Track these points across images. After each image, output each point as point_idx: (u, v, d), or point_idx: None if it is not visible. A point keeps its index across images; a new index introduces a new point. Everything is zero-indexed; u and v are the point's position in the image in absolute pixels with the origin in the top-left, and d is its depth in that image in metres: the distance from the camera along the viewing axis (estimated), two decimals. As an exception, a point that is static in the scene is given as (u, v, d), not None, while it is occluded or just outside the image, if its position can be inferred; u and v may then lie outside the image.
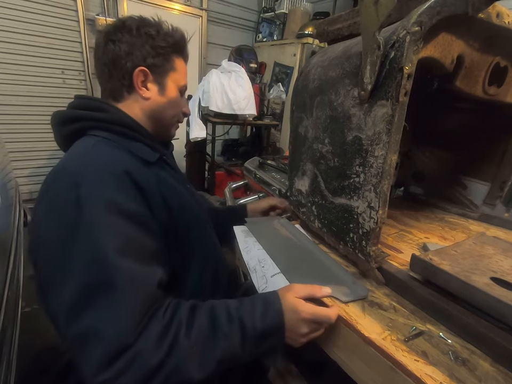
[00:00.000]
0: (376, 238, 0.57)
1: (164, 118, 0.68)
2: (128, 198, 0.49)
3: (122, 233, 0.46)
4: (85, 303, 0.41)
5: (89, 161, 0.51)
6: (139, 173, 0.54)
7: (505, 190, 0.88)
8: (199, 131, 2.13)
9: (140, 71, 0.61)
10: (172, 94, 0.67)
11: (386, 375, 0.42)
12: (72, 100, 0.63)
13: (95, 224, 0.44)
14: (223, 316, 0.48)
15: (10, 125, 2.23)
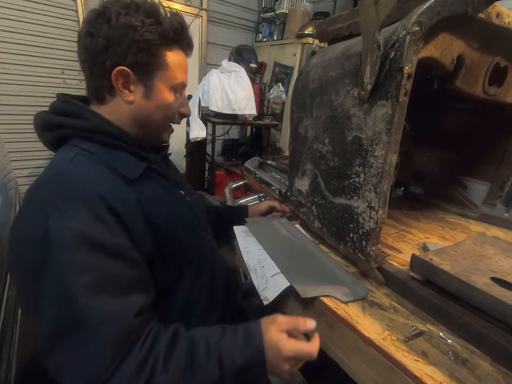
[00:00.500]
0: (376, 238, 0.57)
1: (151, 123, 0.59)
2: (101, 229, 0.45)
3: (93, 269, 0.43)
4: (56, 341, 0.40)
5: (62, 185, 0.46)
6: (117, 195, 0.49)
7: (505, 190, 0.88)
8: (199, 131, 2.13)
9: (118, 72, 0.53)
10: (161, 96, 0.57)
11: (386, 375, 0.42)
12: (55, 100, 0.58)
13: (63, 261, 0.41)
14: (202, 351, 0.46)
15: (10, 125, 2.23)
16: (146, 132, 0.60)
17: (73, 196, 0.45)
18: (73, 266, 0.42)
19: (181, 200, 0.65)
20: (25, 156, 2.34)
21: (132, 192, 0.53)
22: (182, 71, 0.59)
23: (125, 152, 0.56)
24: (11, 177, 1.58)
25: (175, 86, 0.59)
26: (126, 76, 0.54)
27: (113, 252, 0.45)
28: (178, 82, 0.59)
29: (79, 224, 0.43)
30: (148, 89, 0.56)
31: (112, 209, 0.47)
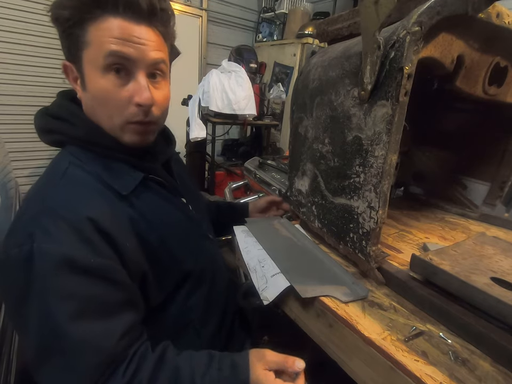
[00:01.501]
0: (376, 238, 0.57)
1: (98, 120, 0.51)
2: (89, 252, 0.43)
3: (78, 294, 0.41)
4: (41, 364, 0.40)
5: (50, 204, 0.44)
6: (108, 214, 0.46)
7: (505, 190, 0.88)
8: (199, 131, 2.13)
9: (63, 67, 0.50)
10: (93, 83, 0.46)
11: (386, 375, 0.42)
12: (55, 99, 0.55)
13: (46, 288, 0.40)
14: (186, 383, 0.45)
15: (10, 125, 2.23)
16: (104, 132, 0.51)
17: (60, 217, 0.42)
18: (57, 293, 0.40)
19: (180, 210, 0.61)
20: (25, 155, 2.34)
21: (124, 208, 0.49)
22: (113, 39, 0.44)
23: (120, 163, 0.52)
24: (11, 177, 1.58)
25: (106, 65, 0.45)
26: (71, 70, 0.49)
27: (100, 275, 0.43)
28: (104, 55, 0.44)
29: (64, 248, 0.41)
30: (82, 77, 0.48)
31: (101, 230, 0.44)
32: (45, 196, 0.46)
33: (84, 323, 0.41)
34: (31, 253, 0.40)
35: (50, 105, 0.55)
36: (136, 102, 0.48)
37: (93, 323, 0.42)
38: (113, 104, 0.48)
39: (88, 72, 0.47)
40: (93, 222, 0.44)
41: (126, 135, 0.52)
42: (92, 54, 0.45)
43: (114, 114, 0.49)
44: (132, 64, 0.47)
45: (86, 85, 0.48)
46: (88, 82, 0.47)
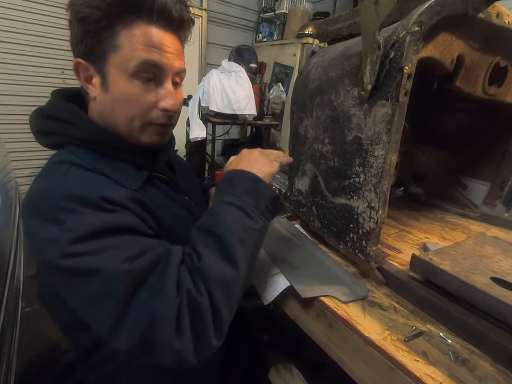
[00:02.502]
0: (376, 238, 0.57)
1: (116, 122, 0.50)
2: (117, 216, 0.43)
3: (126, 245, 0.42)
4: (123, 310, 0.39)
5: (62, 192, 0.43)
6: (122, 196, 0.46)
7: (505, 190, 0.88)
8: (199, 131, 2.13)
9: (75, 65, 0.48)
10: (117, 87, 0.47)
11: (386, 375, 0.42)
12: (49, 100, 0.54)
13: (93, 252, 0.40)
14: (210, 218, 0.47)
15: (10, 125, 2.23)
16: (121, 133, 0.51)
17: (78, 198, 0.42)
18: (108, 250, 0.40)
19: (184, 208, 0.61)
20: (25, 155, 2.34)
21: (138, 196, 0.49)
22: (141, 47, 0.45)
23: (124, 162, 0.51)
24: (11, 177, 1.58)
25: (136, 71, 0.46)
26: (83, 68, 0.48)
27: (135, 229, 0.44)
28: (137, 63, 0.45)
29: (96, 217, 0.41)
30: (104, 79, 0.47)
31: (119, 204, 0.44)
32: (54, 186, 0.44)
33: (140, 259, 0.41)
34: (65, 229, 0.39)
35: (46, 105, 0.53)
36: (163, 108, 0.50)
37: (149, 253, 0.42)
38: (138, 107, 0.49)
39: (113, 74, 0.47)
40: (108, 199, 0.43)
41: (144, 135, 0.52)
42: (121, 58, 0.45)
43: (136, 116, 0.50)
44: (160, 71, 0.48)
45: (108, 86, 0.47)
46: (113, 85, 0.47)
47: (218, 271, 0.42)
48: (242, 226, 0.45)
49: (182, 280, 0.41)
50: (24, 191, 2.34)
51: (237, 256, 0.43)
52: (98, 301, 0.40)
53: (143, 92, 0.48)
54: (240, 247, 0.44)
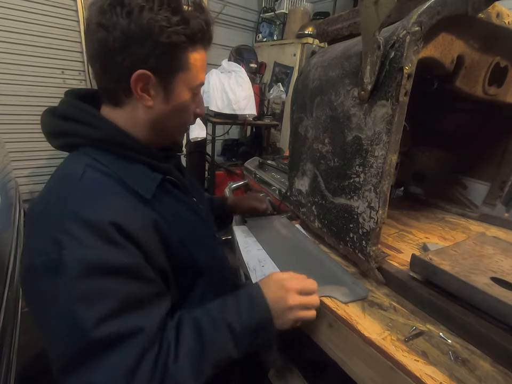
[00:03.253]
0: (376, 238, 0.57)
1: (169, 127, 0.56)
2: (118, 254, 0.43)
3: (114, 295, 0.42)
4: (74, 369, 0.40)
5: (72, 209, 0.43)
6: (131, 218, 0.46)
7: (505, 190, 0.88)
8: (199, 131, 2.13)
9: (139, 76, 0.47)
10: (180, 98, 0.53)
11: (386, 375, 0.42)
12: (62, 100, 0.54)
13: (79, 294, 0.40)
14: (208, 324, 0.47)
15: (10, 125, 2.23)
16: (164, 136, 0.57)
17: (85, 221, 0.42)
18: (91, 297, 0.40)
19: (192, 210, 0.61)
20: (25, 155, 2.34)
21: (147, 210, 0.50)
22: (202, 70, 0.54)
23: (140, 164, 0.52)
24: (11, 177, 1.58)
25: (195, 88, 0.54)
26: (146, 79, 0.48)
27: (134, 273, 0.44)
28: (198, 83, 0.54)
29: (96, 251, 0.41)
30: (167, 92, 0.51)
31: (126, 234, 0.44)
32: (65, 199, 0.44)
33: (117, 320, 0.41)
34: (61, 261, 0.39)
35: (59, 105, 0.53)
36: (198, 114, 0.59)
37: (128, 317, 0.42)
38: (188, 115, 0.57)
39: (179, 89, 0.52)
40: (116, 226, 0.43)
41: (181, 136, 0.63)
42: (189, 77, 0.52)
43: (186, 122, 0.59)
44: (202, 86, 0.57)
45: (171, 99, 0.52)
46: (176, 98, 0.52)
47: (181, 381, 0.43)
48: (227, 354, 0.47)
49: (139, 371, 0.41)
50: (24, 191, 2.34)
51: (205, 374, 0.45)
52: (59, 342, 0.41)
53: (192, 103, 0.56)
54: (212, 368, 0.46)
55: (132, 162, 0.52)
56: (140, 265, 0.46)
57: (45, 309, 0.41)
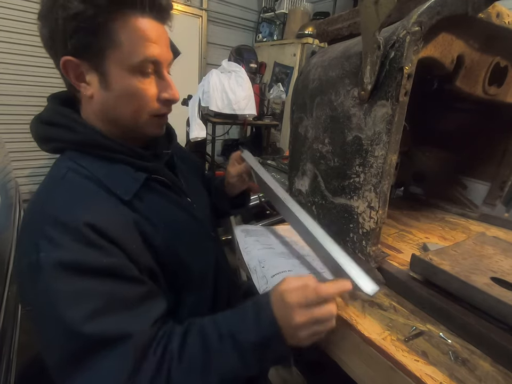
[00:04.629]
0: (376, 238, 0.57)
1: (121, 119, 0.50)
2: (96, 254, 0.42)
3: (94, 295, 0.40)
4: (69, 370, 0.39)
5: (51, 212, 0.43)
6: (110, 219, 0.44)
7: (505, 190, 0.88)
8: (199, 131, 2.13)
9: (64, 63, 0.44)
10: (121, 81, 0.46)
11: (386, 375, 0.42)
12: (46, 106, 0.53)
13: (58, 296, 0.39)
14: (214, 336, 0.44)
15: (10, 125, 2.23)
16: (124, 130, 0.51)
17: (61, 224, 0.41)
18: (71, 298, 0.39)
19: (185, 210, 0.59)
20: (25, 155, 2.34)
21: (128, 212, 0.48)
22: (143, 42, 0.45)
23: (122, 164, 0.50)
24: (11, 177, 1.58)
25: (137, 66, 0.45)
26: (74, 66, 0.45)
27: (115, 273, 0.43)
28: (139, 59, 0.45)
29: (73, 254, 0.40)
30: (102, 77, 0.46)
31: (103, 234, 0.43)
32: (44, 203, 0.45)
33: (106, 319, 0.40)
34: (38, 263, 0.39)
35: (43, 111, 0.52)
36: (165, 98, 0.50)
37: (117, 317, 0.41)
38: (140, 101, 0.48)
39: (114, 71, 0.45)
40: (93, 227, 0.42)
41: (149, 128, 0.53)
42: (122, 54, 0.44)
43: (142, 110, 0.50)
44: (158, 64, 0.48)
45: (109, 83, 0.46)
46: (114, 82, 0.46)
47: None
48: (234, 369, 0.43)
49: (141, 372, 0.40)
50: (24, 191, 2.34)
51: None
52: (53, 345, 0.40)
53: (145, 85, 0.48)
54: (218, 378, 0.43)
55: (113, 163, 0.50)
56: (122, 265, 0.44)
57: (35, 312, 0.41)
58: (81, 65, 0.45)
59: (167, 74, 0.50)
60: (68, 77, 0.46)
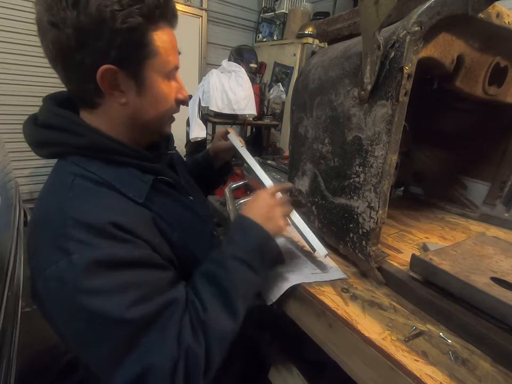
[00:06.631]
0: (376, 238, 0.57)
1: (150, 121, 0.52)
2: (129, 247, 0.43)
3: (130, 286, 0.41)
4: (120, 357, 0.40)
5: (70, 217, 0.42)
6: (130, 218, 0.45)
7: (505, 190, 0.88)
8: (199, 131, 2.13)
9: (104, 72, 0.43)
10: (155, 87, 0.49)
11: (386, 375, 0.42)
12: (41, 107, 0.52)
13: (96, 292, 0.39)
14: (216, 268, 0.50)
15: (10, 125, 2.23)
16: (147, 132, 0.54)
17: (87, 225, 0.41)
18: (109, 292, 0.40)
19: (190, 209, 0.61)
20: (25, 156, 2.34)
21: (145, 211, 0.49)
22: (173, 51, 0.49)
23: (129, 167, 0.51)
24: (11, 177, 1.58)
25: (168, 72, 0.49)
26: (113, 75, 0.45)
27: (146, 263, 0.45)
28: (171, 67, 0.49)
29: (105, 250, 0.41)
30: (139, 84, 0.47)
31: (128, 231, 0.44)
32: (59, 209, 0.43)
33: (147, 304, 0.42)
34: (71, 265, 0.39)
35: (39, 113, 0.50)
36: (180, 99, 0.54)
37: (156, 300, 0.43)
38: (167, 104, 0.52)
39: (152, 78, 0.48)
40: (116, 225, 0.43)
41: (166, 127, 0.57)
42: (159, 63, 0.47)
43: (167, 112, 0.53)
44: (177, 69, 0.53)
45: (145, 90, 0.48)
46: (150, 88, 0.49)
47: (220, 326, 0.45)
48: (247, 281, 0.50)
49: (183, 334, 0.43)
50: (24, 191, 2.34)
51: (239, 310, 0.47)
52: (96, 344, 0.40)
53: (171, 89, 0.52)
54: (242, 301, 0.48)
55: (121, 166, 0.50)
56: (151, 255, 0.46)
57: (68, 318, 0.41)
58: (119, 73, 0.45)
59: (179, 78, 0.54)
60: (102, 84, 0.45)
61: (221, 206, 1.41)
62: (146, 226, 0.48)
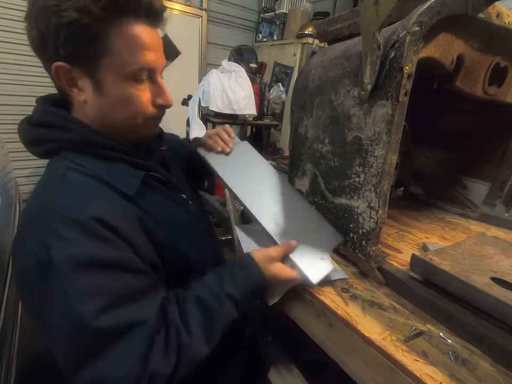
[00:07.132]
0: (376, 238, 0.57)
1: (116, 123, 0.50)
2: (106, 247, 0.43)
3: (106, 289, 0.41)
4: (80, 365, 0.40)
5: (56, 210, 0.42)
6: (115, 214, 0.45)
7: (505, 190, 0.88)
8: (199, 131, 2.13)
9: (56, 69, 0.44)
10: (116, 88, 0.46)
11: (386, 375, 0.42)
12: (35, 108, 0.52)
13: (70, 291, 0.39)
14: (210, 297, 0.50)
15: (10, 125, 2.23)
16: (120, 133, 0.52)
17: (69, 220, 0.41)
18: (83, 293, 0.40)
19: (183, 207, 0.61)
20: (25, 156, 2.34)
21: (132, 208, 0.49)
22: (139, 50, 0.45)
23: (121, 163, 0.51)
24: (11, 177, 1.58)
25: (131, 74, 0.45)
26: (67, 72, 0.44)
27: (124, 266, 0.44)
28: (136, 67, 0.45)
29: (84, 248, 0.41)
30: (96, 83, 0.45)
31: (111, 228, 0.44)
32: (48, 202, 0.44)
33: (117, 312, 0.41)
34: (49, 260, 0.39)
35: (33, 113, 0.51)
36: (160, 104, 0.51)
37: (127, 308, 0.42)
38: (136, 107, 0.49)
39: (108, 78, 0.45)
40: (101, 221, 0.43)
41: (144, 130, 0.53)
42: (116, 62, 0.44)
43: (136, 115, 0.50)
44: (153, 71, 0.49)
45: (104, 90, 0.46)
46: (108, 88, 0.46)
47: (198, 351, 0.46)
48: (231, 317, 0.51)
49: (152, 353, 0.42)
50: (24, 191, 2.34)
51: (216, 339, 0.48)
52: (64, 339, 0.40)
53: (140, 92, 0.48)
54: (220, 333, 0.49)
55: (112, 161, 0.50)
56: (130, 258, 0.45)
57: (42, 310, 0.41)
58: (73, 71, 0.45)
59: (160, 80, 0.51)
60: (60, 81, 0.45)
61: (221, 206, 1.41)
62: (131, 225, 0.47)
